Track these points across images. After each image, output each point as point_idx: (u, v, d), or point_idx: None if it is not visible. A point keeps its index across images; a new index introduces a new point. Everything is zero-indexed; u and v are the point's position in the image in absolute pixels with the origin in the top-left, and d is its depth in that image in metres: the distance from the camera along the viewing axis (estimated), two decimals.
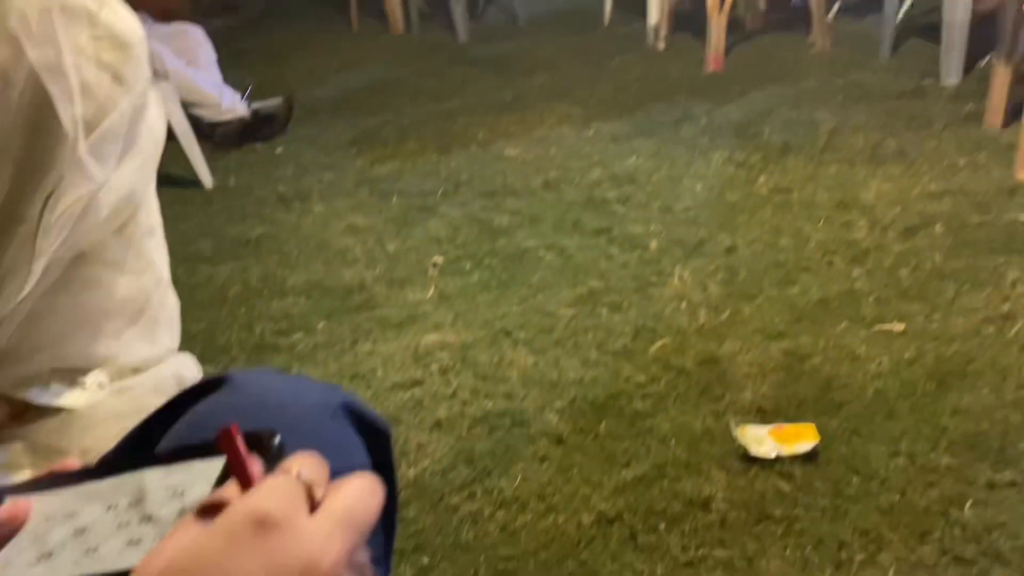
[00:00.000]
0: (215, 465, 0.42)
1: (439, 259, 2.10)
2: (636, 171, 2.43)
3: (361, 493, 0.38)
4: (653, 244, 2.04)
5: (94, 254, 0.70)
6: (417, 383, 1.65)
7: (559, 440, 1.46)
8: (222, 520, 0.34)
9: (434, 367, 1.69)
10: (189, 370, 0.85)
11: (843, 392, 1.49)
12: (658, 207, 2.21)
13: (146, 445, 0.57)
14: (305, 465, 0.39)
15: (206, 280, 2.12)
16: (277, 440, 0.43)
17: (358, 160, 2.78)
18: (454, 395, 1.60)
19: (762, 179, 2.30)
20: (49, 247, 0.63)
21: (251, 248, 2.27)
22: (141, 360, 0.78)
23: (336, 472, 0.55)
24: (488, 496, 1.36)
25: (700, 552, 1.21)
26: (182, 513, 0.40)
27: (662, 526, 1.26)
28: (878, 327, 1.66)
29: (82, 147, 0.62)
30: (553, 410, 1.53)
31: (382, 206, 2.43)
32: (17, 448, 0.71)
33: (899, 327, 1.65)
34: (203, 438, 0.43)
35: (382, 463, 0.60)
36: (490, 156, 2.68)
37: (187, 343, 1.85)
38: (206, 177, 2.69)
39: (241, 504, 0.35)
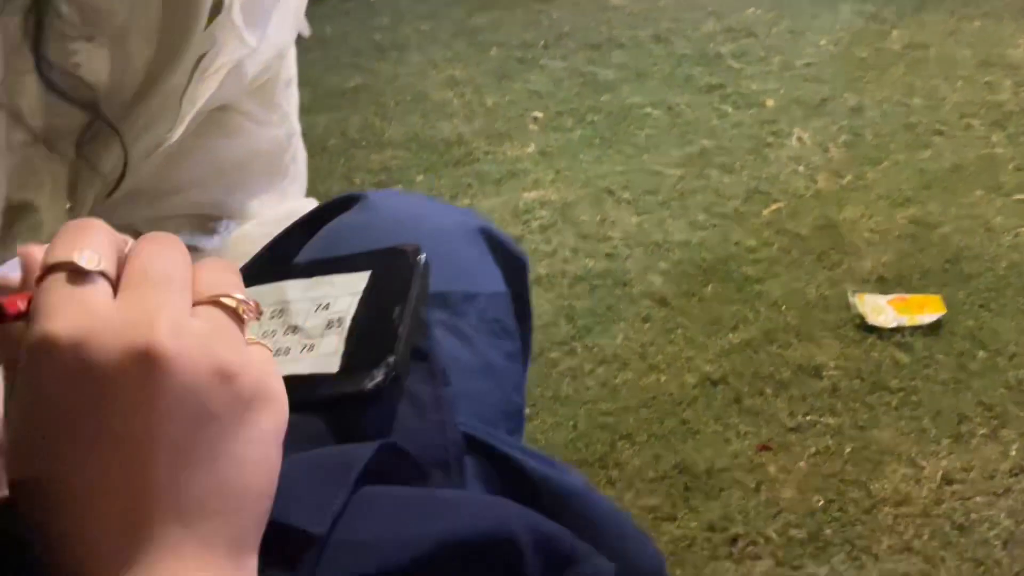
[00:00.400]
0: (359, 279, 0.40)
1: (539, 114, 2.03)
2: (754, 23, 2.25)
3: (148, 246, 0.31)
4: (770, 102, 1.91)
5: (233, 105, 0.70)
6: (517, 240, 1.61)
7: (663, 301, 1.42)
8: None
9: (534, 224, 1.65)
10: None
11: (973, 263, 1.39)
12: (777, 63, 2.05)
13: (282, 259, 0.55)
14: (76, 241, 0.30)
15: (306, 130, 2.09)
16: (423, 257, 0.40)
17: (456, 9, 2.67)
18: (554, 253, 1.57)
19: (895, 34, 2.09)
20: (193, 107, 0.63)
21: (348, 98, 2.24)
22: (271, 212, 0.77)
23: (474, 294, 0.53)
24: (588, 353, 1.34)
25: (808, 418, 1.17)
26: (329, 326, 0.38)
27: (769, 391, 1.22)
28: (1018, 196, 1.52)
29: (236, 11, 0.60)
30: (657, 271, 1.48)
31: (480, 58, 2.34)
32: None
33: None
34: (340, 253, 0.41)
35: (518, 292, 0.58)
36: (595, 5, 2.52)
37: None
38: (303, 26, 2.63)
39: (30, 340, 0.28)
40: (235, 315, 0.30)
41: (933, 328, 1.26)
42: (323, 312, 0.39)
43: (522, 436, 0.54)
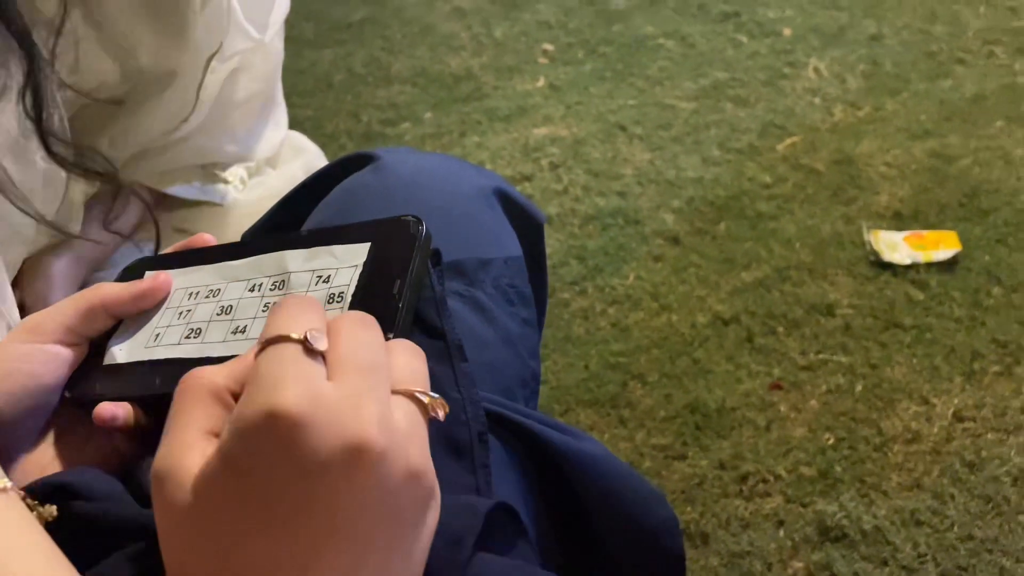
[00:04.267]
0: (360, 251, 0.39)
1: (549, 47, 1.98)
2: None
3: (352, 329, 0.31)
4: (787, 31, 1.85)
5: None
6: (527, 178, 1.60)
7: (675, 240, 1.41)
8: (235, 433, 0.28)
9: (544, 162, 1.63)
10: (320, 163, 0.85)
11: (992, 198, 1.36)
12: None
13: (290, 221, 0.55)
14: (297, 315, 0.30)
15: (310, 66, 2.07)
16: (424, 229, 0.39)
17: None
18: (565, 191, 1.55)
19: None
20: (210, 98, 0.65)
21: (354, 32, 2.19)
22: (273, 147, 0.78)
23: (489, 261, 0.52)
24: (600, 293, 1.34)
25: (820, 356, 1.17)
26: (331, 300, 0.37)
27: (781, 329, 1.22)
28: None
29: (235, 8, 0.62)
30: (669, 209, 1.47)
31: None
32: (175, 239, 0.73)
33: None
34: (353, 216, 0.40)
35: (534, 253, 0.57)
36: None
37: (294, 131, 1.82)
38: None
39: (252, 407, 0.27)
40: (426, 413, 0.30)
41: (949, 264, 1.25)
42: (324, 286, 0.38)
43: (537, 400, 0.53)
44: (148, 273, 0.44)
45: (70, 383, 0.38)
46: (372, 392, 0.28)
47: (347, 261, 0.38)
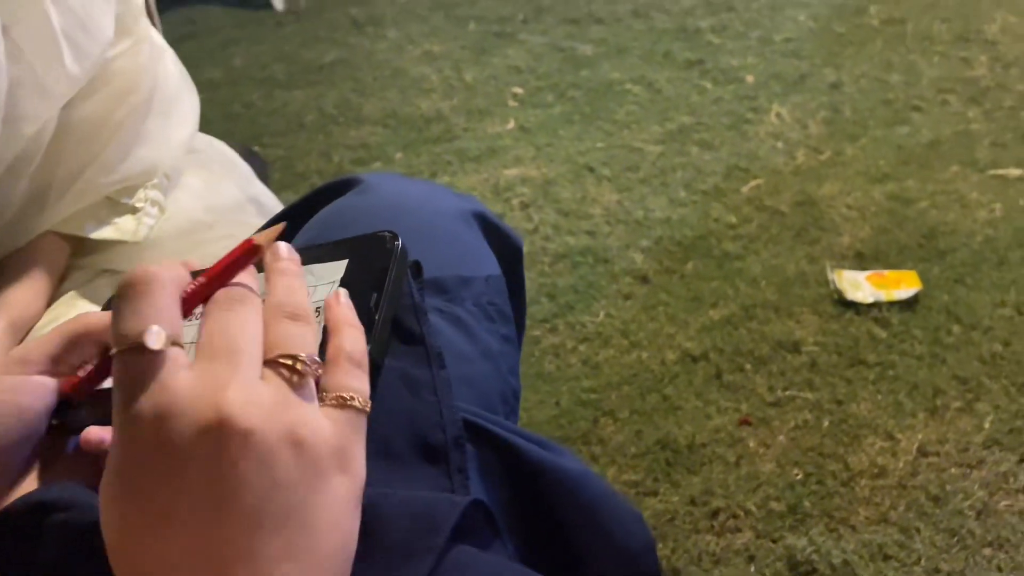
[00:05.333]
0: (338, 268, 0.39)
1: (519, 90, 2.02)
2: None
3: (212, 313, 0.32)
4: (750, 78, 1.91)
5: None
6: (498, 217, 1.62)
7: (644, 279, 1.42)
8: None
9: (515, 201, 1.65)
10: (266, 196, 0.81)
11: (949, 239, 1.41)
12: (756, 38, 2.05)
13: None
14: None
15: (282, 106, 2.09)
16: (400, 244, 0.40)
17: None
18: (536, 230, 1.57)
19: (873, 9, 2.10)
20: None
21: (325, 74, 2.21)
22: (179, 147, 0.70)
23: (470, 279, 0.53)
24: (570, 330, 1.35)
25: (787, 393, 1.19)
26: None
27: (748, 366, 1.24)
28: (993, 172, 1.54)
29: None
30: (638, 248, 1.49)
31: (458, 32, 2.32)
32: (102, 284, 0.67)
33: (1016, 172, 1.53)
34: (335, 237, 0.40)
35: (512, 276, 0.58)
36: None
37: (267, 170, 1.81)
38: None
39: (118, 415, 0.29)
40: (297, 372, 0.31)
41: (910, 303, 1.28)
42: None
43: (518, 417, 0.54)
44: None
45: (57, 411, 0.38)
46: (231, 372, 0.29)
47: (325, 279, 0.39)
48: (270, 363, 0.31)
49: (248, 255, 0.34)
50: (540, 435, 0.47)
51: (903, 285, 1.29)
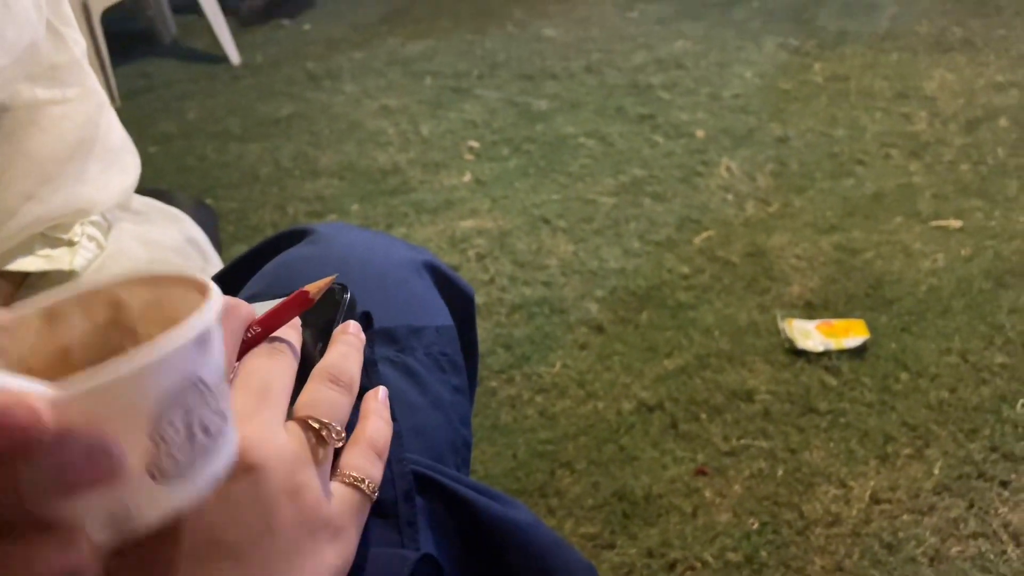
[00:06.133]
0: None
1: (475, 144, 2.04)
2: (683, 55, 2.31)
3: (253, 358, 0.33)
4: (700, 132, 1.96)
5: (16, 103, 0.63)
6: (454, 268, 1.62)
7: (599, 329, 1.43)
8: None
9: (471, 253, 1.66)
10: (207, 244, 0.81)
11: (895, 288, 1.44)
12: (706, 94, 2.11)
13: (228, 291, 0.54)
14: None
15: (236, 159, 2.08)
16: (348, 296, 0.39)
17: (389, 38, 2.67)
18: (492, 281, 1.57)
19: (817, 66, 2.18)
20: None
21: (281, 127, 2.21)
22: (120, 194, 0.71)
23: (421, 329, 0.53)
24: (527, 381, 1.34)
25: (742, 441, 1.19)
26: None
27: (703, 415, 1.24)
28: (935, 223, 1.59)
29: None
30: (593, 299, 1.50)
31: (415, 87, 2.35)
32: None
33: (957, 224, 1.58)
34: (287, 287, 0.40)
35: (464, 327, 0.57)
36: (528, 36, 2.56)
37: (220, 222, 1.81)
38: (233, 53, 2.60)
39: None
40: (320, 438, 0.31)
41: (859, 351, 1.30)
42: None
43: (469, 468, 0.53)
44: None
45: None
46: (258, 412, 0.29)
47: None
48: (300, 421, 0.31)
49: (299, 303, 0.35)
50: (495, 488, 0.47)
51: (852, 334, 1.32)
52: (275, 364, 0.32)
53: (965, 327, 1.34)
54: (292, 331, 0.35)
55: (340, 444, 0.32)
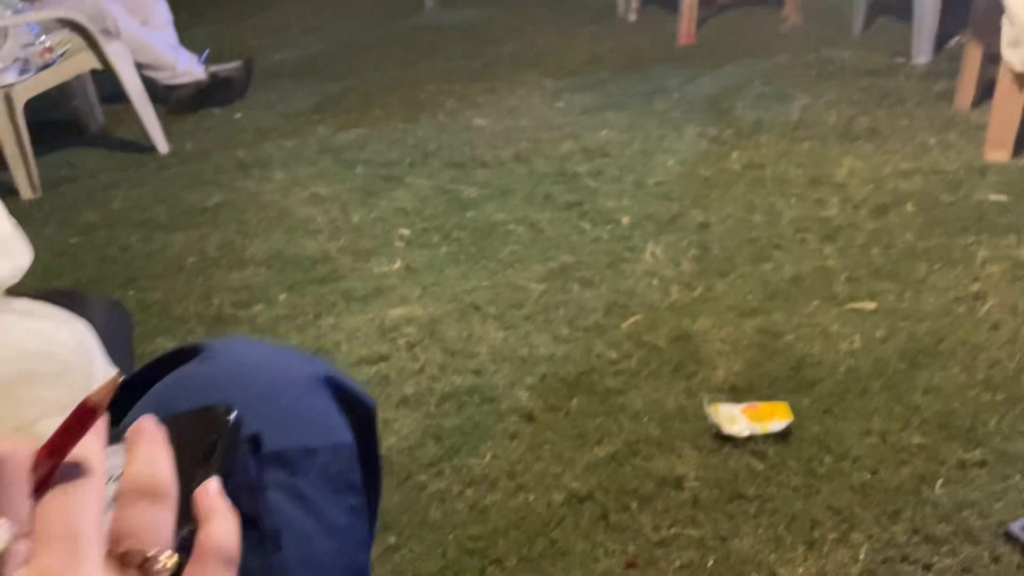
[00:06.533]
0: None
1: (406, 231, 2.05)
2: (608, 144, 2.39)
3: (52, 502, 0.30)
4: (625, 219, 2.01)
5: None
6: (383, 358, 1.60)
7: (529, 417, 1.42)
8: None
9: (401, 342, 1.64)
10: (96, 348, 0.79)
11: (816, 370, 1.48)
12: (630, 181, 2.18)
13: (116, 414, 0.52)
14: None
15: (161, 248, 2.04)
16: (233, 416, 0.38)
17: (320, 127, 2.70)
18: (422, 370, 1.56)
19: (735, 155, 2.27)
20: None
21: (209, 216, 2.19)
22: (5, 275, 0.72)
23: (315, 449, 0.51)
24: (457, 474, 1.32)
25: (672, 531, 1.19)
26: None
27: (634, 505, 1.23)
28: (850, 305, 1.64)
29: None
30: (523, 386, 1.50)
31: (346, 175, 2.36)
32: None
33: (871, 305, 1.64)
34: (173, 409, 0.39)
35: (365, 440, 0.56)
36: (458, 126, 2.61)
37: (142, 314, 1.77)
38: (161, 142, 2.59)
39: None
40: (147, 573, 0.28)
41: (783, 435, 1.32)
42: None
43: None
44: None
45: None
46: (67, 565, 0.27)
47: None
48: (120, 558, 0.28)
49: (84, 418, 0.31)
50: None
51: (776, 417, 1.34)
52: (76, 499, 0.29)
53: (883, 408, 1.38)
54: (92, 439, 0.31)
55: (174, 566, 0.29)
